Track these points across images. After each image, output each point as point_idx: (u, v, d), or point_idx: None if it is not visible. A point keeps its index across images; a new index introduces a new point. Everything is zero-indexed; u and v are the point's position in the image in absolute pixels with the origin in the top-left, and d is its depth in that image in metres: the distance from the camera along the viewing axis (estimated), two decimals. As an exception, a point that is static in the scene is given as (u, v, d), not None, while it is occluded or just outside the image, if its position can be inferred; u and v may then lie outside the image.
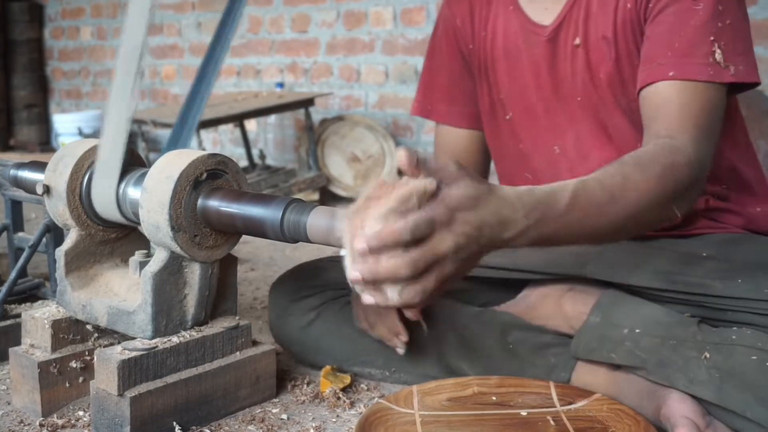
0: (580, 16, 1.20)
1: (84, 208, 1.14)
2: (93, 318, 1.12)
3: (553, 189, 0.87)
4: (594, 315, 1.15)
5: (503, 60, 1.28)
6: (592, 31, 1.19)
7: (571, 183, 0.89)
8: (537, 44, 1.24)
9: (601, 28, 1.18)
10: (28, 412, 1.12)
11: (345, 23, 3.59)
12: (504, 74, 1.29)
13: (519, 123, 1.29)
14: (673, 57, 1.07)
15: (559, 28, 1.21)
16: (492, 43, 1.29)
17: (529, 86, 1.26)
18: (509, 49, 1.27)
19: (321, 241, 0.95)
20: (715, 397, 1.00)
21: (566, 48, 1.22)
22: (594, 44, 1.19)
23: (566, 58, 1.22)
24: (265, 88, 3.77)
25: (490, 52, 1.30)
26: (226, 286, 1.16)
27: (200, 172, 1.06)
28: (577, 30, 1.20)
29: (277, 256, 2.24)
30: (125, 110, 1.07)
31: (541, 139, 1.28)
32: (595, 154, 1.23)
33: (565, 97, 1.24)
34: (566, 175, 1.25)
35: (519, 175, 1.33)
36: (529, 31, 1.25)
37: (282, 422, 1.11)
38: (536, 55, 1.24)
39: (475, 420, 1.05)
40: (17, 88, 4.80)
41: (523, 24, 1.25)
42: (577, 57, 1.21)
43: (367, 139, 3.36)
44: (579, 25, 1.20)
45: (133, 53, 1.06)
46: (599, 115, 1.22)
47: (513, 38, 1.27)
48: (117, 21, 4.55)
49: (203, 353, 1.10)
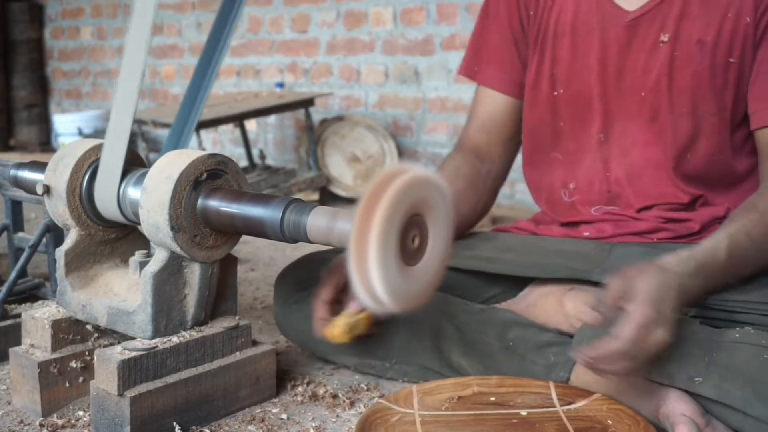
0: (673, 12, 1.16)
1: (84, 208, 1.14)
2: (93, 318, 1.12)
3: (710, 250, 1.02)
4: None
5: (569, 35, 1.24)
6: (685, 32, 1.15)
7: (723, 240, 1.03)
8: (613, 27, 1.19)
9: (698, 31, 1.14)
10: (28, 412, 1.12)
11: (345, 23, 3.59)
12: (566, 49, 1.25)
13: (567, 101, 1.27)
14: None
15: (644, 17, 1.17)
16: (559, 15, 1.25)
17: (592, 68, 1.23)
18: (578, 24, 1.23)
19: (321, 241, 0.95)
20: (715, 394, 1.00)
21: (647, 40, 1.18)
22: (685, 45, 1.15)
23: (644, 50, 1.18)
24: (265, 88, 3.77)
25: (554, 24, 1.26)
26: (226, 286, 1.16)
27: (200, 172, 1.06)
28: (666, 26, 1.16)
29: (277, 256, 2.24)
30: (129, 110, 1.07)
31: (585, 123, 1.26)
32: (636, 153, 1.23)
33: (627, 89, 1.21)
34: (599, 164, 1.26)
35: (547, 153, 1.33)
36: (607, 12, 1.20)
37: (282, 422, 1.11)
38: (610, 38, 1.20)
39: (475, 420, 1.05)
40: (17, 88, 4.80)
41: (602, 2, 1.21)
42: (659, 53, 1.17)
43: (367, 139, 3.36)
44: (669, 22, 1.16)
45: (138, 53, 1.06)
46: (660, 115, 1.20)
47: (585, 14, 1.22)
48: (117, 21, 4.56)
49: (203, 353, 1.10)
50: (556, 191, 1.33)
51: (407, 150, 3.42)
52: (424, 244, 0.88)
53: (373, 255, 0.81)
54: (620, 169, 1.24)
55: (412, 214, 0.85)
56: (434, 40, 3.31)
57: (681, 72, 1.16)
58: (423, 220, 0.87)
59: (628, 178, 1.25)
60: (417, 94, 3.40)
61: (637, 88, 1.20)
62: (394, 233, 0.83)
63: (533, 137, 1.36)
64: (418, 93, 3.39)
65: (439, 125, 3.37)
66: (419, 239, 0.87)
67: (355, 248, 0.81)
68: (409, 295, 0.86)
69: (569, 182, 1.30)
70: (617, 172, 1.25)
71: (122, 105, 1.08)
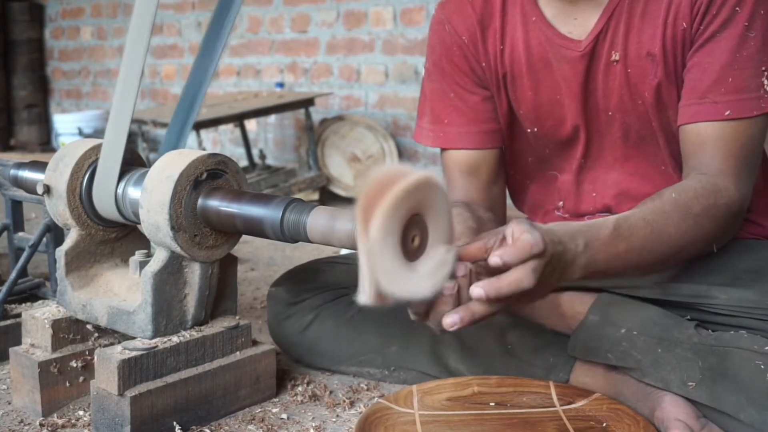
0: (620, 30, 1.12)
1: (84, 208, 1.14)
2: (93, 318, 1.12)
3: (595, 221, 0.95)
4: (592, 314, 1.15)
5: (527, 75, 1.20)
6: (633, 47, 1.12)
7: (613, 216, 0.97)
8: (569, 60, 1.16)
9: (646, 44, 1.11)
10: (28, 411, 1.13)
11: (345, 23, 3.59)
12: (527, 89, 1.21)
13: (545, 135, 1.23)
14: (727, 94, 1.05)
15: (595, 42, 1.14)
16: (511, 57, 1.20)
17: (559, 101, 1.19)
18: (534, 63, 1.19)
19: (321, 241, 0.95)
20: (708, 399, 1.00)
21: (601, 62, 1.15)
22: (635, 61, 1.12)
23: (600, 73, 1.15)
24: (265, 88, 3.77)
25: (509, 67, 1.21)
26: (226, 285, 1.16)
27: (200, 172, 1.06)
28: (616, 45, 1.13)
29: (277, 256, 2.24)
30: (127, 110, 1.07)
31: (568, 151, 1.23)
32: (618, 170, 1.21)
33: (594, 111, 1.18)
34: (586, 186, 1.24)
35: (540, 174, 1.30)
36: (558, 45, 1.16)
37: (282, 422, 1.11)
38: (567, 71, 1.17)
39: (475, 420, 1.05)
40: (17, 88, 4.80)
41: (551, 37, 1.16)
42: (614, 73, 1.14)
43: (367, 139, 3.36)
44: (618, 40, 1.13)
45: (137, 53, 1.06)
46: (631, 132, 1.17)
47: (538, 52, 1.18)
48: (117, 21, 4.56)
49: (203, 353, 1.10)
50: (547, 211, 1.30)
51: (407, 150, 3.42)
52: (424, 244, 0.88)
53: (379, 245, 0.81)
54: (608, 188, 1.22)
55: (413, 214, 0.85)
56: (434, 40, 3.31)
57: (639, 87, 1.13)
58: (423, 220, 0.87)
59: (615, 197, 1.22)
60: (417, 94, 3.39)
61: (603, 109, 1.17)
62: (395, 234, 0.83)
63: (518, 165, 1.32)
64: (418, 93, 3.39)
65: (439, 125, 3.37)
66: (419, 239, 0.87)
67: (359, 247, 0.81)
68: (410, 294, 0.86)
69: (558, 201, 1.29)
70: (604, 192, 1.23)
71: (121, 105, 1.08)
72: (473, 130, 1.25)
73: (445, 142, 1.26)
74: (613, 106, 1.16)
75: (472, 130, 1.25)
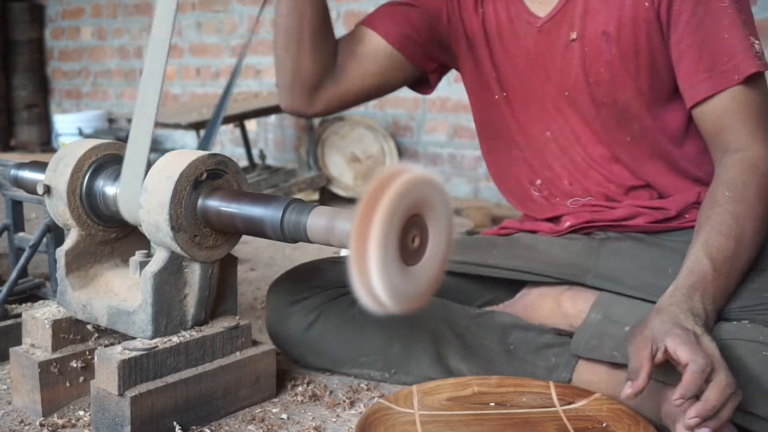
0: (577, 11, 1.19)
1: (84, 208, 1.14)
2: (93, 318, 1.12)
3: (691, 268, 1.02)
4: (594, 312, 1.15)
5: (498, 40, 1.28)
6: (590, 26, 1.19)
7: (700, 251, 1.02)
8: (529, 34, 1.24)
9: (602, 23, 1.17)
10: (28, 411, 1.13)
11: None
12: (500, 55, 1.29)
13: (514, 102, 1.30)
14: (729, 62, 1.10)
15: (553, 20, 1.21)
16: (485, 22, 1.29)
17: (523, 72, 1.27)
18: (502, 32, 1.28)
19: (321, 241, 0.95)
20: None
21: (559, 42, 1.22)
22: (591, 40, 1.19)
23: (558, 52, 1.22)
24: (265, 88, 3.77)
25: (482, 30, 1.29)
26: (226, 286, 1.16)
27: (200, 172, 1.06)
28: (574, 25, 1.20)
29: (277, 256, 2.24)
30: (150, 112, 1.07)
31: (535, 122, 1.29)
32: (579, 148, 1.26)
33: (553, 89, 1.25)
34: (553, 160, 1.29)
35: (507, 151, 1.34)
36: (522, 19, 1.25)
37: (282, 422, 1.11)
38: (527, 45, 1.25)
39: (475, 420, 1.05)
40: (18, 89, 4.80)
41: (519, 11, 1.26)
42: (572, 53, 1.21)
43: (367, 139, 3.37)
44: (575, 20, 1.20)
45: (160, 53, 1.06)
46: (584, 109, 1.23)
47: (507, 23, 1.27)
48: (117, 21, 4.56)
49: (203, 353, 1.10)
50: (525, 189, 1.33)
51: (407, 150, 3.42)
52: (424, 244, 0.88)
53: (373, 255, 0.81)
54: (570, 164, 1.28)
55: (412, 214, 0.85)
56: (434, 40, 3.31)
57: (594, 65, 1.19)
58: (423, 220, 0.87)
59: (579, 171, 1.27)
60: (417, 94, 3.39)
61: (561, 88, 1.24)
62: (394, 233, 0.83)
63: (489, 137, 1.38)
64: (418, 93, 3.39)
65: (439, 125, 3.37)
66: (419, 239, 0.87)
67: (356, 248, 0.81)
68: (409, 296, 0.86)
69: (535, 179, 1.31)
70: (569, 166, 1.28)
71: (144, 108, 1.07)
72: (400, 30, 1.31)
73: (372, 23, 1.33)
74: (570, 85, 1.22)
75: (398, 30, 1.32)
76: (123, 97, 4.57)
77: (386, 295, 0.82)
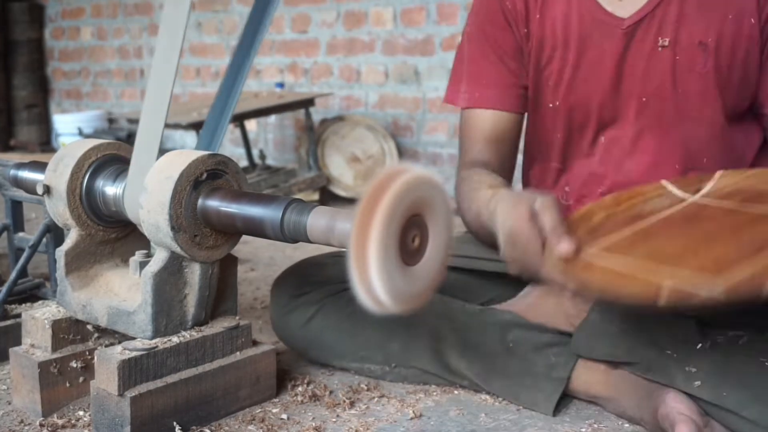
0: (670, 16, 1.14)
1: (84, 208, 1.14)
2: (93, 318, 1.12)
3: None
4: (594, 312, 1.15)
5: (561, 47, 1.22)
6: (684, 35, 1.14)
7: None
8: (609, 36, 1.18)
9: (699, 33, 1.13)
10: (28, 411, 1.13)
11: (345, 23, 3.59)
12: (561, 61, 1.23)
13: (564, 112, 1.25)
14: None
15: (640, 23, 1.16)
16: (552, 28, 1.22)
17: (589, 79, 1.21)
18: (571, 36, 1.21)
19: (321, 241, 0.95)
20: (712, 397, 1.00)
21: (644, 45, 1.16)
22: (686, 49, 1.14)
23: (642, 55, 1.17)
24: (265, 88, 3.77)
25: (549, 38, 1.23)
26: (226, 286, 1.16)
27: (200, 172, 1.06)
28: (665, 30, 1.15)
29: (277, 256, 2.24)
30: (161, 111, 1.07)
31: (581, 132, 1.25)
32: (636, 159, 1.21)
33: (625, 95, 1.19)
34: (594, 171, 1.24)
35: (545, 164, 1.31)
36: (600, 21, 1.19)
37: (282, 422, 1.11)
38: (606, 47, 1.19)
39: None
40: (18, 89, 4.79)
41: (594, 12, 1.19)
42: (660, 59, 1.16)
43: (367, 140, 3.36)
44: (667, 26, 1.15)
45: (171, 53, 1.06)
46: (664, 120, 1.18)
47: (578, 25, 1.20)
48: (117, 21, 4.56)
49: (203, 353, 1.10)
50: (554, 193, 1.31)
51: (407, 150, 3.42)
52: (424, 244, 0.88)
53: (373, 255, 0.81)
54: (619, 175, 1.23)
55: (412, 214, 0.85)
56: (434, 40, 3.31)
57: (685, 76, 1.15)
58: (423, 220, 0.87)
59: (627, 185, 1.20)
60: (417, 94, 3.40)
61: (637, 93, 1.18)
62: (394, 233, 0.83)
63: (532, 149, 1.34)
64: (418, 93, 3.39)
65: (439, 125, 3.37)
66: (419, 239, 0.87)
67: (355, 248, 0.81)
68: (409, 296, 0.86)
69: (564, 186, 1.29)
70: (615, 178, 1.23)
71: (153, 107, 1.07)
72: (511, 92, 1.28)
73: (481, 101, 1.29)
74: (651, 91, 1.17)
75: (510, 93, 1.28)
76: (123, 97, 4.57)
77: (386, 295, 0.82)
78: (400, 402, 1.18)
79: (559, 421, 1.12)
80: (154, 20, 4.35)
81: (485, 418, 1.13)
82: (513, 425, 1.11)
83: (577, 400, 1.18)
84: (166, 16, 1.07)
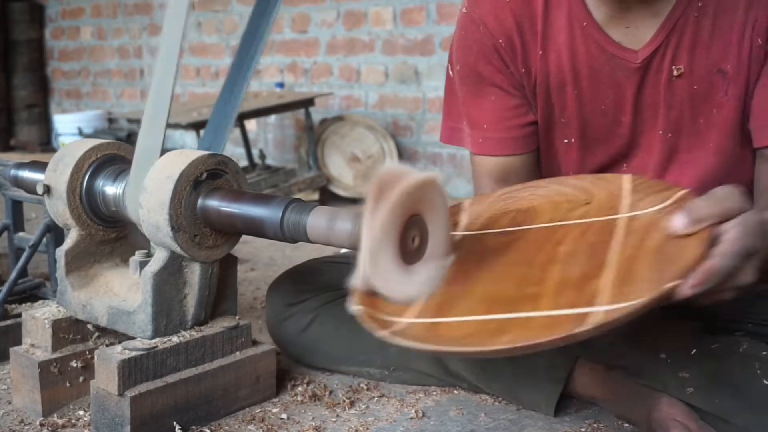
0: (684, 44, 1.07)
1: (84, 208, 1.14)
2: (93, 318, 1.12)
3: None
4: (594, 314, 1.14)
5: (571, 83, 1.14)
6: (701, 62, 1.07)
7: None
8: (623, 69, 1.10)
9: (716, 59, 1.06)
10: (28, 411, 1.13)
11: (345, 23, 3.59)
12: (571, 97, 1.15)
13: (580, 149, 1.19)
14: None
15: (654, 54, 1.09)
16: (557, 63, 1.14)
17: (606, 113, 1.14)
18: (581, 70, 1.13)
19: (321, 241, 0.95)
20: (704, 403, 1.00)
21: (660, 75, 1.09)
22: (703, 77, 1.07)
23: (658, 86, 1.10)
24: (265, 88, 3.77)
25: (556, 74, 1.15)
26: (226, 286, 1.16)
27: (200, 172, 1.06)
28: (678, 58, 1.08)
29: (277, 256, 2.24)
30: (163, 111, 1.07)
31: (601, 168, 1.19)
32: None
33: (643, 128, 1.14)
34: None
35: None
36: (611, 55, 1.10)
37: (282, 422, 1.11)
38: (621, 80, 1.11)
39: None
40: (18, 88, 4.80)
41: (603, 45, 1.11)
42: (676, 88, 1.09)
43: (367, 139, 3.37)
44: (682, 53, 1.08)
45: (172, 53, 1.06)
46: (680, 153, 1.13)
47: (587, 59, 1.12)
48: (117, 21, 4.56)
49: (203, 353, 1.10)
50: None
51: (407, 150, 3.42)
52: (424, 244, 0.88)
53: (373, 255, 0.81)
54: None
55: (412, 214, 0.85)
56: (434, 40, 3.31)
57: (705, 105, 1.09)
58: (423, 220, 0.87)
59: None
60: (417, 94, 3.40)
61: (654, 126, 1.13)
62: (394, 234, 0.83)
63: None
64: (418, 93, 3.39)
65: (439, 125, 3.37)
66: (419, 239, 0.87)
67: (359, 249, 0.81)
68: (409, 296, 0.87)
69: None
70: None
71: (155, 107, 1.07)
72: (516, 134, 1.20)
73: (485, 147, 1.22)
74: (668, 124, 1.11)
75: (515, 135, 1.20)
76: (123, 97, 4.57)
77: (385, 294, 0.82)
78: (400, 402, 1.18)
79: (559, 421, 1.12)
80: (153, 20, 4.35)
81: (485, 418, 1.13)
82: (513, 425, 1.11)
83: (577, 400, 1.18)
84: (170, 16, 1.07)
